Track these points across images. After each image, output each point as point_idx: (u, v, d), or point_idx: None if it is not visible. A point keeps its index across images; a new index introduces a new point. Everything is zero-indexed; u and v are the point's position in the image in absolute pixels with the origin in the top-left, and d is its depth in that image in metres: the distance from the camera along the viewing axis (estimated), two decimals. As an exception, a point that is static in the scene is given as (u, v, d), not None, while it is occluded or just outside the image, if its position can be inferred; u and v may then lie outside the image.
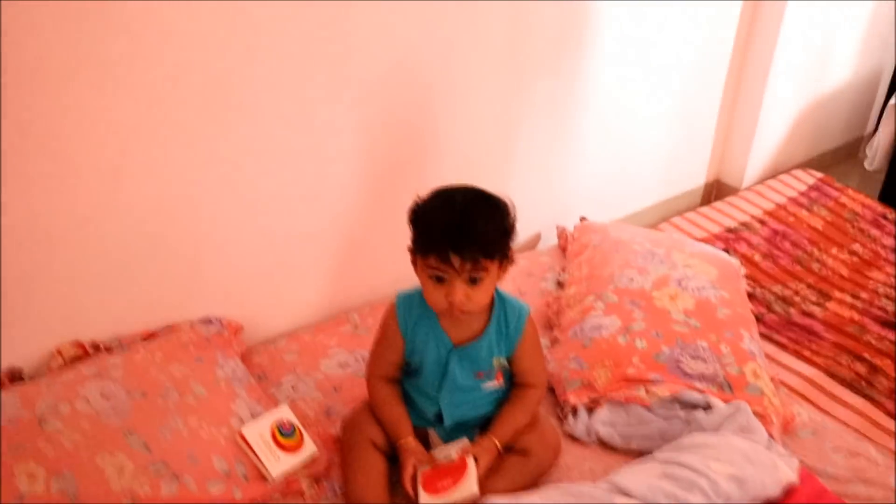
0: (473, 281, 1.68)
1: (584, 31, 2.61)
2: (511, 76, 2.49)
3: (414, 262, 1.77)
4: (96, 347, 1.93)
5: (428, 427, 1.89)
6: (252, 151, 2.01)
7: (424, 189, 1.74)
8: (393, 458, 1.85)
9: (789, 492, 1.82)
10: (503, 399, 1.90)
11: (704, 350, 2.12)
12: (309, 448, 1.86)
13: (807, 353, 2.45)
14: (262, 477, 1.80)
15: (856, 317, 2.62)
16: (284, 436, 1.85)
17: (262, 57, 1.92)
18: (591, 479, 1.94)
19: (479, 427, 1.90)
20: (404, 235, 1.74)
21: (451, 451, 1.82)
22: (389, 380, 1.88)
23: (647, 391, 2.04)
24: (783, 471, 1.84)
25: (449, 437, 1.88)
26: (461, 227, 1.64)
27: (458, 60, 2.32)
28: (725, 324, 2.20)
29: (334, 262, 2.33)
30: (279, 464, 1.80)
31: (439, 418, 1.87)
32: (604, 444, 2.02)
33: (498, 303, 1.83)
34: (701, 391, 2.04)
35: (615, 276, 2.35)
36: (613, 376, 2.08)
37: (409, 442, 1.81)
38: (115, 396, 1.77)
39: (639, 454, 1.99)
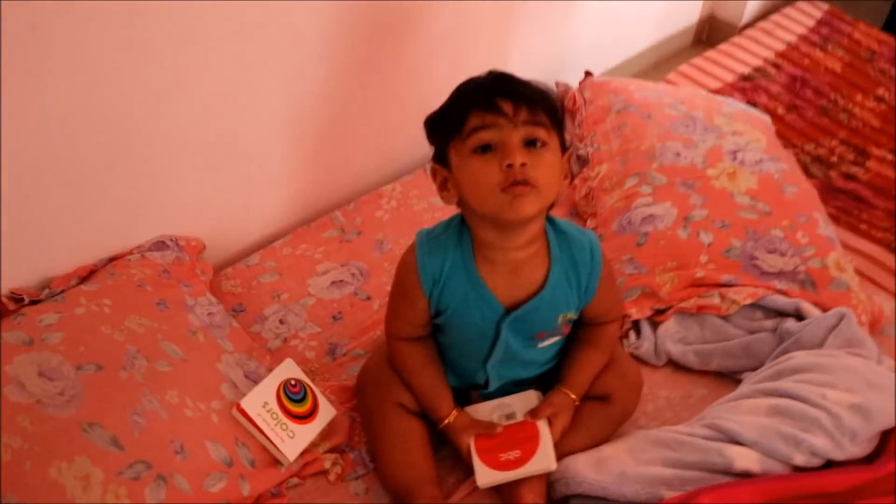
0: (532, 145, 1.21)
1: None
2: None
3: (442, 183, 1.29)
4: (19, 300, 1.40)
5: (470, 387, 1.47)
6: (203, 29, 1.45)
7: (409, 53, 1.25)
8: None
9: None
10: (566, 345, 1.47)
11: (780, 241, 1.74)
12: (325, 413, 1.43)
13: (863, 227, 2.11)
14: (273, 461, 1.36)
15: (901, 177, 2.29)
16: (294, 401, 1.40)
17: None
18: (669, 410, 1.59)
19: (534, 382, 1.49)
20: (389, 111, 1.26)
21: (513, 407, 1.41)
22: (417, 339, 1.41)
23: (723, 297, 1.66)
24: (905, 391, 1.51)
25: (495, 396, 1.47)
26: (503, 77, 1.25)
27: None
28: (796, 205, 1.82)
29: (308, 151, 1.81)
30: (294, 441, 1.36)
31: (485, 381, 1.45)
32: (676, 365, 1.65)
33: (556, 240, 1.34)
34: (784, 293, 1.68)
35: (657, 151, 1.91)
36: (680, 281, 1.69)
37: (457, 422, 1.39)
38: (60, 374, 1.27)
39: (718, 375, 1.65)
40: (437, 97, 1.31)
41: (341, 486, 1.40)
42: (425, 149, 2.01)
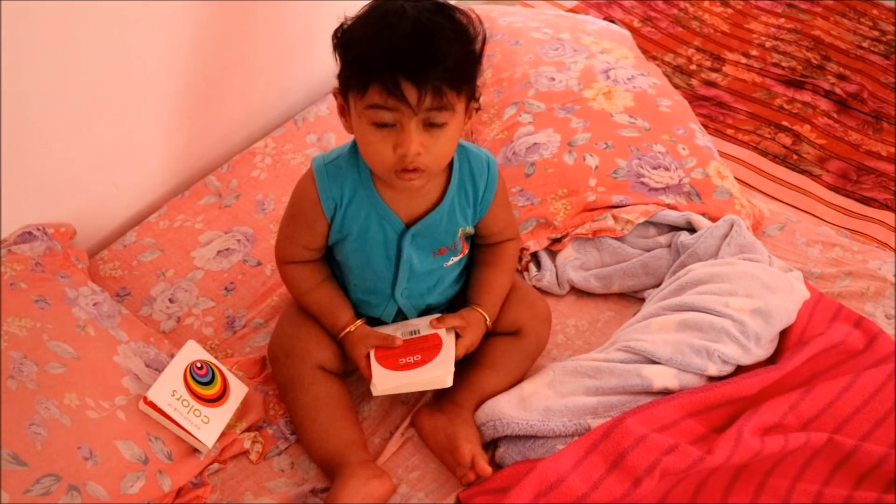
0: (432, 126, 1.18)
1: None
2: None
3: (343, 108, 1.26)
4: None
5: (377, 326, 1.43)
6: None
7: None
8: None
9: (801, 312, 1.55)
10: (468, 265, 1.46)
11: (663, 156, 1.76)
12: (237, 391, 1.35)
13: (729, 132, 2.17)
14: (191, 450, 1.29)
15: (757, 79, 2.36)
16: (202, 384, 1.31)
17: None
18: (579, 338, 1.60)
19: (443, 311, 1.46)
20: (251, 62, 1.18)
21: (417, 325, 1.39)
22: (309, 261, 1.39)
23: (616, 218, 1.67)
24: (798, 290, 1.57)
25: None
26: (416, 45, 1.15)
27: None
28: (672, 118, 1.84)
29: (174, 113, 1.67)
30: (209, 426, 1.29)
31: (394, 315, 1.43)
32: (579, 292, 1.66)
33: (459, 156, 1.34)
34: (673, 206, 1.70)
35: (531, 77, 1.89)
36: (572, 207, 1.68)
37: (358, 331, 1.35)
38: (-59, 394, 1.15)
39: (621, 296, 1.66)
40: (302, 41, 1.23)
41: (265, 465, 1.34)
42: (293, 99, 1.95)
